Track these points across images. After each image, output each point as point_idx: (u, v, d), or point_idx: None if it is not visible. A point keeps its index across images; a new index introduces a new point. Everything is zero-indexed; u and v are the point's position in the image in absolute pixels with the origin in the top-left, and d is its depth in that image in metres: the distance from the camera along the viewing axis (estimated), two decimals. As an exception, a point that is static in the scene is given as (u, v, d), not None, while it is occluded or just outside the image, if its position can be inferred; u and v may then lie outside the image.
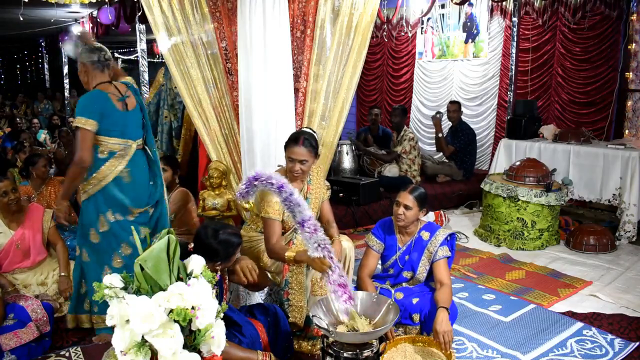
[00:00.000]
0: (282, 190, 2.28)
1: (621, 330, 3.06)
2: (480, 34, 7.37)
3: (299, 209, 2.28)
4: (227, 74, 3.94)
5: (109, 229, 2.85)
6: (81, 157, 2.70)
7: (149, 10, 3.70)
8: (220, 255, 2.31)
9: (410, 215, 2.83)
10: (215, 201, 3.86)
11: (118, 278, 1.80)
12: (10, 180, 3.25)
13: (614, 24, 5.76)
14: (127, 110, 2.87)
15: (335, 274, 2.32)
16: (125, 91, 2.91)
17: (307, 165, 2.82)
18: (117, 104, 2.82)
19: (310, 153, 2.81)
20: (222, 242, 2.31)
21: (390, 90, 8.90)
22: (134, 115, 2.91)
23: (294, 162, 2.80)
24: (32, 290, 3.15)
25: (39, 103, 12.27)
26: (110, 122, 2.78)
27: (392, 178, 5.75)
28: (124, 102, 2.86)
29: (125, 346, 1.70)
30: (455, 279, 3.81)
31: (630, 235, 4.65)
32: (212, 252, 2.28)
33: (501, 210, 4.63)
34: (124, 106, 2.85)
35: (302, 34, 3.91)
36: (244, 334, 2.37)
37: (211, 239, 2.30)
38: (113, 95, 2.83)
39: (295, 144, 2.80)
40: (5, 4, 7.43)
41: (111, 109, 2.79)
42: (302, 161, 2.80)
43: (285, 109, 3.69)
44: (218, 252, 2.30)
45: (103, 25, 7.42)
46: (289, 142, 2.85)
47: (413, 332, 2.82)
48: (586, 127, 5.76)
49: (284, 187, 2.28)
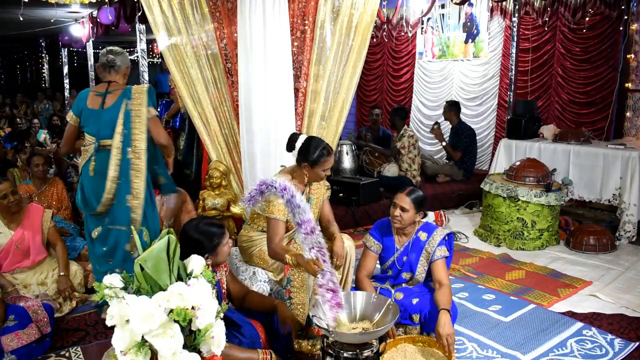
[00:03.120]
0: (285, 193, 2.32)
1: (621, 330, 3.05)
2: (480, 34, 7.37)
3: (299, 210, 2.32)
4: (227, 74, 3.95)
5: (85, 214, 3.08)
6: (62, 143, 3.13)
7: (149, 10, 3.70)
8: (206, 246, 2.33)
9: (406, 218, 2.82)
10: (215, 201, 3.86)
11: (118, 278, 1.80)
12: (10, 182, 3.25)
13: (614, 24, 5.76)
14: (102, 108, 2.93)
15: (326, 278, 2.32)
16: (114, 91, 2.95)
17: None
18: (91, 101, 2.95)
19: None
20: (203, 232, 2.34)
21: (390, 90, 8.90)
22: (107, 115, 2.91)
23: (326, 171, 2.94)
24: (32, 290, 3.15)
25: (39, 103, 12.27)
26: (85, 118, 2.96)
27: (392, 178, 5.75)
28: (102, 100, 2.93)
29: (125, 346, 1.70)
30: (455, 279, 3.81)
31: (630, 235, 4.65)
32: (197, 245, 2.30)
33: (501, 210, 4.63)
34: (99, 104, 2.93)
35: (302, 34, 3.91)
36: (243, 334, 2.37)
37: (192, 231, 2.34)
38: (93, 93, 2.97)
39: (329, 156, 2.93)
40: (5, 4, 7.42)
41: (84, 106, 2.96)
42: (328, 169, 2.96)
43: (285, 109, 3.69)
44: (202, 244, 2.32)
45: (103, 25, 7.42)
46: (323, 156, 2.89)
47: (413, 332, 2.82)
48: (586, 127, 5.76)
49: (286, 189, 2.34)
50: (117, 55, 3.00)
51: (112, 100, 2.93)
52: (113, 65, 2.98)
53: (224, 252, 2.43)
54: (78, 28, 9.03)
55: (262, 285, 2.99)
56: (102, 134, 2.91)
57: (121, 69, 3.01)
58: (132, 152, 2.88)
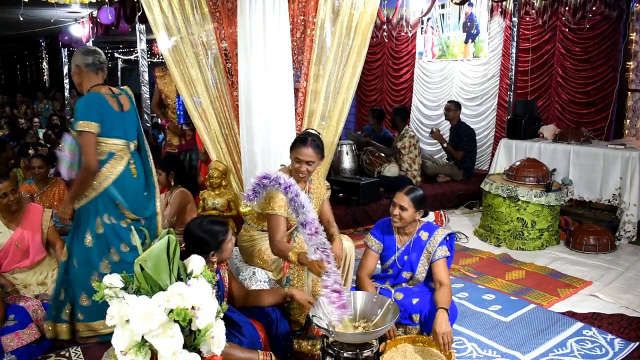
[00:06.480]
0: (289, 191, 2.32)
1: (621, 330, 3.05)
2: (480, 34, 7.37)
3: (303, 210, 2.32)
4: (227, 74, 3.94)
5: (103, 231, 2.82)
6: (88, 162, 2.70)
7: (149, 10, 3.70)
8: (211, 244, 2.34)
9: (406, 217, 2.82)
10: (215, 201, 3.86)
11: (118, 278, 1.80)
12: (10, 181, 3.24)
13: (614, 24, 5.76)
14: (123, 110, 2.88)
15: (331, 279, 2.32)
16: (119, 93, 2.92)
17: (313, 166, 2.85)
18: (113, 104, 2.83)
19: (317, 154, 2.85)
20: (207, 230, 2.35)
21: (390, 90, 8.90)
22: (130, 116, 2.92)
23: (300, 163, 2.81)
24: (32, 290, 3.15)
25: (39, 103, 12.28)
26: (110, 122, 2.78)
27: (392, 178, 5.75)
28: (119, 102, 2.87)
29: (125, 346, 1.70)
30: (455, 279, 3.81)
31: (630, 235, 4.65)
32: (202, 243, 2.32)
33: (501, 210, 4.63)
34: (119, 106, 2.86)
35: (302, 34, 3.91)
36: (244, 334, 2.37)
37: (197, 230, 2.35)
38: (108, 95, 2.83)
39: (303, 145, 2.82)
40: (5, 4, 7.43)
41: (109, 110, 2.79)
42: (308, 162, 2.82)
43: (285, 109, 3.69)
44: (207, 242, 2.33)
45: (103, 25, 7.42)
46: (296, 143, 2.86)
47: (413, 332, 2.82)
48: (586, 127, 5.75)
49: (291, 187, 2.34)
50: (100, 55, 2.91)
51: (127, 102, 2.92)
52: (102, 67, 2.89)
53: (228, 249, 2.44)
54: (78, 28, 9.04)
55: (262, 285, 2.99)
56: (130, 136, 2.90)
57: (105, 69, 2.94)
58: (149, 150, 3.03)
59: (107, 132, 2.77)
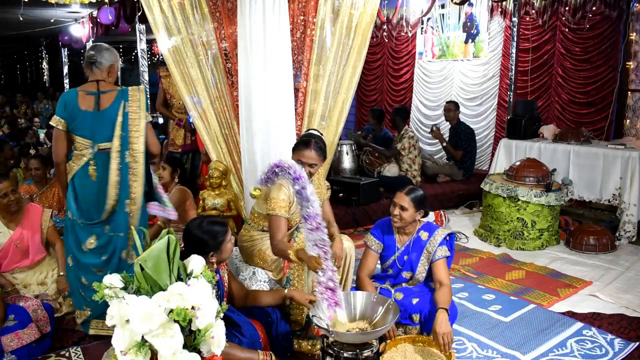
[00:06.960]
0: (298, 182, 2.34)
1: (621, 330, 3.05)
2: (480, 34, 7.37)
3: (308, 204, 2.33)
4: (227, 74, 3.95)
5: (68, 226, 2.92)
6: (54, 155, 2.85)
7: (149, 10, 3.70)
8: (210, 244, 2.34)
9: (406, 217, 2.82)
10: (215, 201, 3.86)
11: (118, 278, 1.80)
12: (10, 181, 3.24)
13: (613, 24, 5.76)
14: (99, 109, 2.78)
15: (326, 276, 2.32)
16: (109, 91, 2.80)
17: (315, 168, 2.88)
18: (82, 102, 2.77)
19: (319, 157, 2.87)
20: (207, 231, 2.35)
21: (390, 90, 8.90)
22: (105, 116, 2.77)
23: (303, 165, 2.81)
24: (32, 290, 3.16)
25: (39, 103, 12.28)
26: (75, 120, 2.78)
27: (392, 178, 5.75)
28: (96, 101, 2.78)
29: (125, 346, 1.70)
30: (455, 279, 3.81)
31: (630, 235, 4.65)
32: (202, 244, 2.31)
33: (501, 210, 4.63)
34: (93, 105, 2.77)
35: (302, 34, 3.91)
36: (244, 334, 2.37)
37: (196, 230, 2.34)
38: (83, 93, 2.78)
39: (306, 148, 2.84)
40: (5, 4, 7.43)
41: (75, 108, 2.77)
42: (311, 165, 2.85)
43: (285, 109, 3.69)
44: (207, 242, 2.33)
45: (103, 25, 7.42)
46: (299, 146, 2.88)
47: (413, 332, 2.82)
48: (586, 127, 5.75)
49: (300, 178, 2.38)
50: (99, 52, 2.82)
51: (109, 102, 2.78)
52: (94, 62, 2.81)
53: (227, 249, 2.44)
54: (78, 28, 9.03)
55: (262, 285, 2.99)
56: (99, 137, 2.77)
57: (103, 65, 2.83)
58: (130, 156, 2.78)
59: (73, 129, 2.80)
